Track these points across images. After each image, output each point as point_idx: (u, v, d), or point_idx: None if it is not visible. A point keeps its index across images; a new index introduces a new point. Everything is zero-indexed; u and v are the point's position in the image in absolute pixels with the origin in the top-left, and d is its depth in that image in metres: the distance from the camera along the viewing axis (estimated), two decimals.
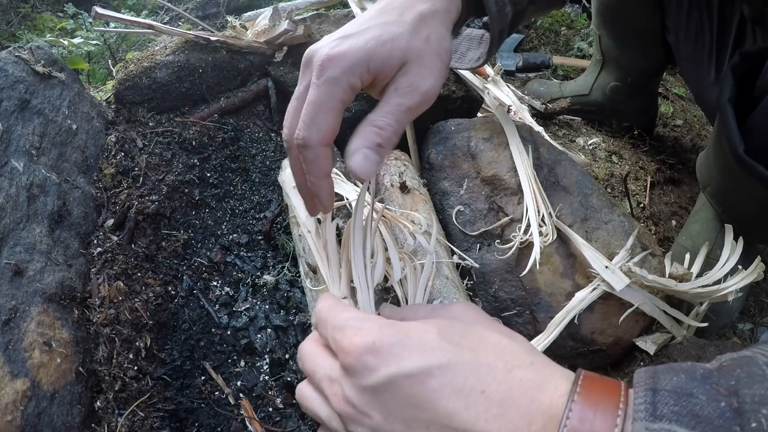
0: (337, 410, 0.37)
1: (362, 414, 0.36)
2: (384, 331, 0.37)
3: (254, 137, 0.97)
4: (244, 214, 0.88)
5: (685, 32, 0.94)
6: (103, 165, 0.83)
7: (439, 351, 0.35)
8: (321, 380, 0.40)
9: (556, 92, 1.36)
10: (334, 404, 0.38)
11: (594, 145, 1.24)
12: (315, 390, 0.42)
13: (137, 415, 0.62)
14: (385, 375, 0.35)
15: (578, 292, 0.69)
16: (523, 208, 0.73)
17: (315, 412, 0.41)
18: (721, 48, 0.89)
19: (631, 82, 1.23)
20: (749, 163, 0.66)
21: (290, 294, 0.77)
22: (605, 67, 1.27)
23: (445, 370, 0.34)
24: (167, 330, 0.72)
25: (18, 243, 0.65)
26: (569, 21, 1.78)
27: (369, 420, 0.35)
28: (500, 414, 0.32)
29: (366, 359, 0.36)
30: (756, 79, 0.69)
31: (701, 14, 0.91)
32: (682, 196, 1.19)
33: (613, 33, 1.18)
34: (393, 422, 0.35)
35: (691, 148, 1.35)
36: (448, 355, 0.35)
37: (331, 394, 0.38)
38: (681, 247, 0.89)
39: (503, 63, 1.52)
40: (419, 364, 0.34)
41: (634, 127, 1.29)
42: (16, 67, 0.77)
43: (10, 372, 0.55)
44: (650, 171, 1.20)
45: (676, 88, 1.59)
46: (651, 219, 1.09)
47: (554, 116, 1.30)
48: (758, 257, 0.72)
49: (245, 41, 0.98)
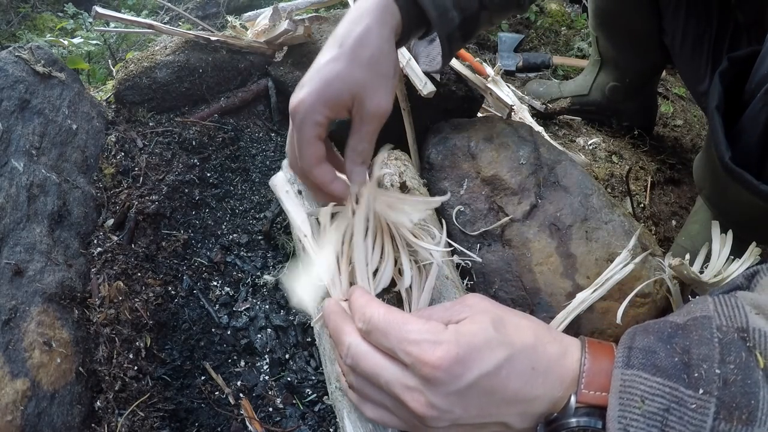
0: (419, 414, 0.42)
1: (445, 412, 0.42)
2: (460, 340, 0.42)
3: (254, 137, 0.97)
4: (244, 214, 0.88)
5: (681, 37, 0.95)
6: (103, 165, 0.83)
7: (502, 346, 0.42)
8: (390, 384, 0.44)
9: (555, 92, 1.36)
10: (414, 408, 0.42)
11: (594, 145, 1.24)
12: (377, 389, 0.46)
13: (137, 415, 0.62)
14: (470, 379, 0.41)
15: (579, 293, 0.69)
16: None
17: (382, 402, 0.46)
18: (717, 53, 0.90)
19: (630, 83, 1.23)
20: (735, 170, 0.67)
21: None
22: (603, 68, 1.27)
23: (510, 360, 0.42)
24: (167, 330, 0.72)
25: (18, 243, 0.65)
26: (569, 21, 1.78)
27: (450, 415, 0.42)
28: (544, 381, 0.42)
29: (453, 370, 0.41)
30: (746, 83, 0.69)
31: (698, 19, 0.92)
32: (682, 196, 1.19)
33: (610, 35, 1.18)
34: (471, 411, 0.42)
35: (691, 148, 1.35)
36: (509, 347, 0.43)
37: (410, 400, 0.43)
38: (680, 248, 0.89)
39: (503, 63, 1.52)
40: (493, 362, 0.42)
41: (634, 127, 1.29)
42: (16, 67, 0.77)
43: (10, 372, 0.55)
44: (650, 171, 1.20)
45: (676, 88, 1.59)
46: (651, 219, 1.09)
47: (554, 116, 1.30)
48: (753, 243, 0.72)
49: (245, 41, 0.98)
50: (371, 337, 0.46)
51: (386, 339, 0.44)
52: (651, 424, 0.36)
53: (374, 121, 0.59)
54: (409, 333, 0.43)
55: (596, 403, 0.40)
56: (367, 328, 0.46)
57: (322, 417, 0.67)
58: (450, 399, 0.42)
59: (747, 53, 0.72)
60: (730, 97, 0.71)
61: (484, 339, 0.42)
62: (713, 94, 0.70)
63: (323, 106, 0.57)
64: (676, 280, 0.71)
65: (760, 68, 0.67)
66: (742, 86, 0.71)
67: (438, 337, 0.43)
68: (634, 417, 0.37)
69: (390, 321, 0.45)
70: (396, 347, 0.43)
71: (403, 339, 0.43)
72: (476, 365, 0.41)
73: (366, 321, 0.46)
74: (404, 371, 0.43)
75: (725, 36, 0.89)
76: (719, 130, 0.68)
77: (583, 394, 0.41)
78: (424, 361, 0.42)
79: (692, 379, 0.37)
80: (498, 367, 0.42)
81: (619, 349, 0.41)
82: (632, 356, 0.40)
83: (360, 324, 0.46)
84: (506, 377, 0.42)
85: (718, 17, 0.89)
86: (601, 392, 0.40)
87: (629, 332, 0.43)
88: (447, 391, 0.41)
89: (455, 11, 0.66)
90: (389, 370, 0.44)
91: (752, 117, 0.67)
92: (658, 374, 0.38)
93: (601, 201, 0.77)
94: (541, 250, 0.73)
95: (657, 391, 0.37)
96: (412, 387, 0.43)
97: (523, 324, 0.45)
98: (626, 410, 0.37)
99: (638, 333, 0.42)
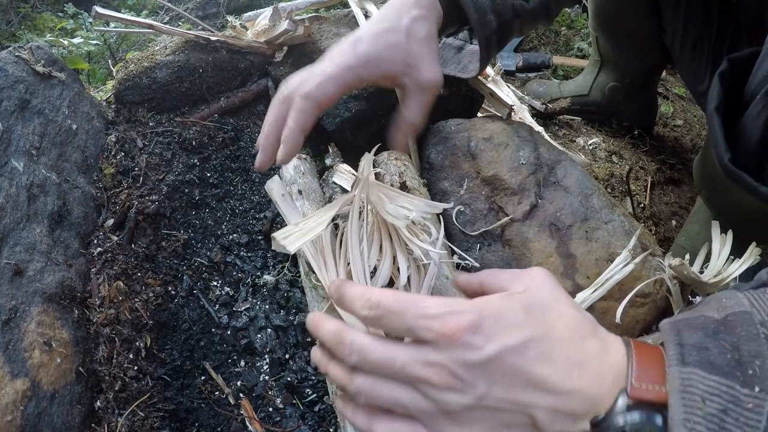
0: (443, 386, 0.41)
1: (469, 386, 0.40)
2: (484, 312, 0.41)
3: (254, 137, 0.97)
4: (244, 214, 0.88)
5: (682, 37, 0.95)
6: (103, 165, 0.83)
7: (530, 327, 0.41)
8: (408, 366, 0.41)
9: (555, 92, 1.36)
10: (437, 382, 0.40)
11: (594, 145, 1.24)
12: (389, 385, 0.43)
13: (137, 415, 0.62)
14: (492, 350, 0.40)
15: (579, 293, 0.69)
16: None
17: (397, 398, 0.43)
18: (717, 53, 0.89)
19: (630, 83, 1.23)
20: (735, 171, 0.67)
21: (290, 294, 0.77)
22: (603, 68, 1.27)
23: (538, 342, 0.40)
24: (167, 330, 0.72)
25: (18, 243, 0.65)
26: (569, 21, 1.78)
27: (474, 389, 0.40)
28: (580, 375, 0.39)
29: (474, 339, 0.40)
30: (746, 84, 0.69)
31: (698, 20, 0.92)
32: (682, 196, 1.19)
33: (610, 36, 1.18)
34: (496, 389, 0.40)
35: (691, 148, 1.35)
36: (539, 329, 0.41)
37: (432, 375, 0.41)
38: (680, 248, 0.89)
39: (503, 63, 1.52)
40: (518, 339, 0.40)
41: (634, 127, 1.29)
42: (16, 67, 0.77)
43: (10, 372, 0.55)
44: (650, 171, 1.20)
45: (676, 88, 1.59)
46: (651, 219, 1.09)
47: (554, 116, 1.30)
48: (753, 243, 0.72)
49: (245, 41, 0.98)
50: (382, 323, 0.43)
51: (402, 319, 0.42)
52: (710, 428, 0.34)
53: (431, 91, 0.64)
54: (426, 309, 0.42)
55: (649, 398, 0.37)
56: (376, 313, 0.43)
57: (322, 417, 0.67)
58: (474, 371, 0.40)
59: (747, 54, 0.72)
60: (729, 98, 0.71)
61: (511, 317, 0.41)
62: (713, 96, 0.70)
63: (377, 66, 0.61)
64: (676, 280, 0.71)
65: (759, 69, 0.67)
66: (741, 88, 0.71)
67: (459, 308, 0.41)
68: (697, 420, 0.34)
69: (403, 300, 0.43)
70: (414, 325, 0.41)
71: (422, 315, 0.41)
72: (500, 336, 0.40)
73: (374, 305, 0.43)
74: (422, 349, 0.42)
75: (725, 36, 0.89)
76: (719, 132, 0.68)
77: (634, 388, 0.37)
78: (446, 331, 0.40)
79: (747, 376, 0.34)
80: (524, 345, 0.40)
81: (669, 345, 0.38)
82: (686, 353, 0.37)
83: (366, 311, 0.44)
84: (533, 358, 0.40)
85: (718, 18, 0.89)
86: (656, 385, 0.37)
87: (669, 327, 0.40)
88: (471, 360, 0.40)
89: (492, 15, 0.70)
90: (404, 351, 0.42)
91: (752, 118, 0.67)
92: (714, 372, 0.35)
93: (601, 201, 0.77)
94: (541, 250, 0.73)
95: (715, 390, 0.35)
96: (432, 362, 0.41)
97: (565, 315, 0.43)
98: (690, 412, 0.34)
99: (683, 328, 0.39)
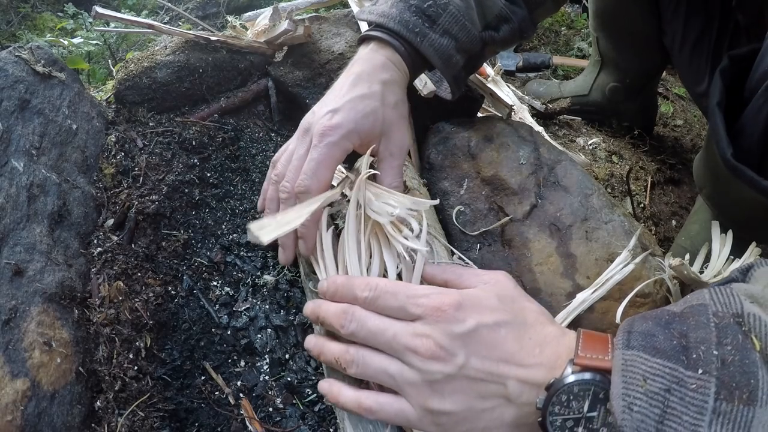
0: (429, 355, 0.47)
1: (451, 355, 0.47)
2: (463, 295, 0.50)
3: (254, 137, 0.97)
4: (244, 214, 0.88)
5: (681, 38, 0.95)
6: (103, 165, 0.83)
7: (503, 311, 0.49)
8: (398, 336, 0.49)
9: (555, 92, 1.36)
10: (424, 351, 0.47)
11: (594, 145, 1.24)
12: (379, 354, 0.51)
13: (137, 415, 0.62)
14: (472, 324, 0.48)
15: (579, 294, 0.69)
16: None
17: (386, 369, 0.50)
18: (717, 54, 0.90)
19: (630, 83, 1.23)
20: (737, 166, 0.67)
21: (290, 294, 0.77)
22: (604, 68, 1.27)
23: (509, 324, 0.48)
24: (167, 330, 0.72)
25: (18, 243, 0.65)
26: (569, 21, 1.78)
27: (455, 359, 0.47)
28: (541, 352, 0.47)
29: (456, 314, 0.48)
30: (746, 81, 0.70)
31: (698, 21, 0.92)
32: (682, 196, 1.19)
33: (611, 36, 1.18)
34: (474, 360, 0.47)
35: (691, 148, 1.35)
36: (509, 314, 0.49)
37: (419, 345, 0.48)
38: (680, 248, 0.89)
39: (503, 63, 1.52)
40: (493, 318, 0.48)
41: (634, 127, 1.29)
42: (16, 67, 0.77)
43: (10, 372, 0.55)
44: (650, 171, 1.20)
45: (676, 88, 1.59)
46: (651, 219, 1.09)
47: (554, 116, 1.30)
48: (753, 243, 0.72)
49: (245, 41, 0.98)
50: (379, 302, 0.51)
51: (395, 298, 0.50)
52: (653, 404, 0.37)
53: (402, 155, 0.68)
54: (417, 290, 0.51)
55: (593, 365, 0.43)
56: (374, 294, 0.51)
57: (322, 417, 0.67)
58: (456, 342, 0.47)
59: (747, 51, 0.72)
60: (730, 95, 0.71)
61: (487, 302, 0.50)
62: (714, 91, 0.70)
63: (357, 136, 0.63)
64: (676, 280, 0.71)
65: (760, 65, 0.67)
66: (742, 85, 0.71)
67: (444, 291, 0.50)
68: (637, 395, 0.38)
69: (397, 283, 0.53)
70: (406, 303, 0.50)
71: (412, 295, 0.50)
72: (476, 315, 0.48)
73: (373, 288, 0.51)
74: (411, 324, 0.49)
75: (725, 37, 0.89)
76: (720, 127, 0.68)
77: (579, 357, 0.44)
78: (434, 304, 0.48)
79: (691, 360, 0.38)
80: (497, 325, 0.48)
81: (618, 333, 0.44)
82: (632, 339, 0.41)
83: (366, 293, 0.51)
84: (504, 336, 0.47)
85: (718, 18, 0.89)
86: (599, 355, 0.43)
87: (627, 320, 0.45)
88: (453, 331, 0.47)
89: (459, 55, 0.72)
90: (397, 323, 0.50)
91: (753, 114, 0.67)
92: (658, 355, 0.39)
93: (601, 201, 0.77)
94: (541, 250, 0.73)
95: (657, 371, 0.38)
96: (420, 333, 0.48)
97: (529, 307, 0.51)
98: (629, 388, 0.38)
99: (636, 319, 0.44)
